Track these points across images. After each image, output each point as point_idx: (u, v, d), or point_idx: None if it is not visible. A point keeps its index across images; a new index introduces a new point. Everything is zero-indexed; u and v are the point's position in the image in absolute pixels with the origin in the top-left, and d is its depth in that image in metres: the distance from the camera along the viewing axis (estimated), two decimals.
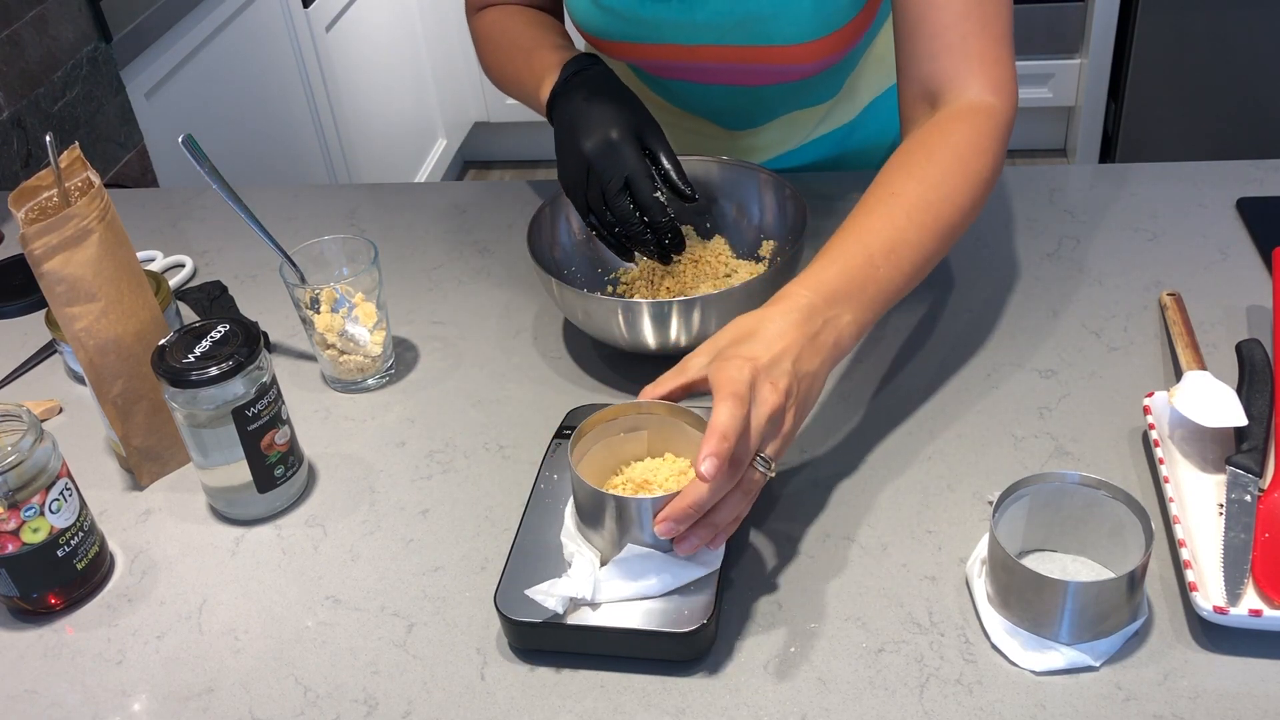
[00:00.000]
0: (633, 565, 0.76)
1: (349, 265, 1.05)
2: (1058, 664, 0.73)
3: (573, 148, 0.98)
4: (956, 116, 0.91)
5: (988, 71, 0.92)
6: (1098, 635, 0.73)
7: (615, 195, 0.96)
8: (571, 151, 0.99)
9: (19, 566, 0.82)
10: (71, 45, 1.87)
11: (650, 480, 0.80)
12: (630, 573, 0.76)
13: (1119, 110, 2.87)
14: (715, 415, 0.71)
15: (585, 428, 0.80)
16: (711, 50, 1.09)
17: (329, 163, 2.69)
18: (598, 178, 0.97)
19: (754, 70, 1.11)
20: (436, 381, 1.05)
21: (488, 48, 1.18)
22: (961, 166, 0.88)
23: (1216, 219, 1.15)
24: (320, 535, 0.89)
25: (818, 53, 1.07)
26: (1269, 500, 0.80)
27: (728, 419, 0.70)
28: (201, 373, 0.83)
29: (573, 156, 0.99)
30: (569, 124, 1.00)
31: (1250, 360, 0.90)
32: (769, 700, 0.73)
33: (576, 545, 0.79)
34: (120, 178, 1.97)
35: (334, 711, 0.75)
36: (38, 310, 1.20)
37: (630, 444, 0.82)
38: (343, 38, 2.74)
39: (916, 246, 0.84)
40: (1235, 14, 2.64)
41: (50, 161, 0.88)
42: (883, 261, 0.83)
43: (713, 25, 1.06)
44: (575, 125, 0.99)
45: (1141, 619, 0.74)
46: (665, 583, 0.76)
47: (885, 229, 0.84)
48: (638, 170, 0.96)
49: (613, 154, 0.96)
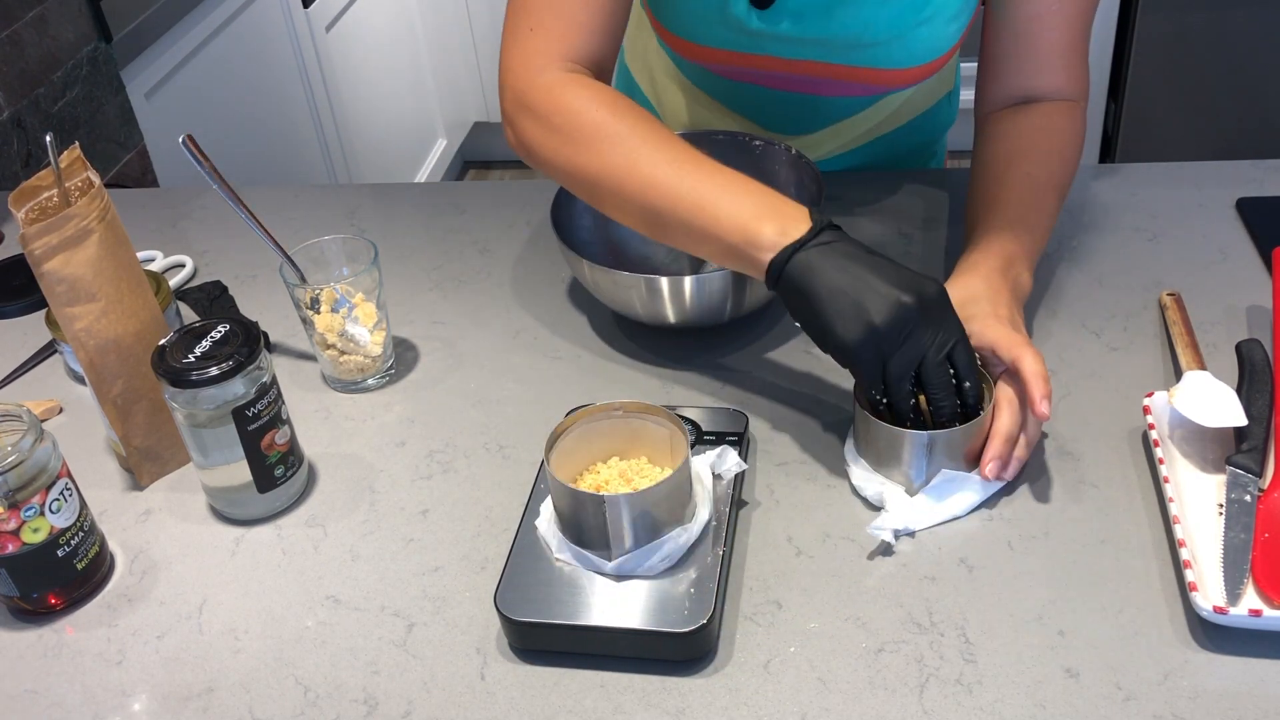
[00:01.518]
0: (943, 489, 0.85)
1: (349, 265, 1.05)
2: None
3: (888, 302, 0.79)
4: (1059, 112, 1.06)
5: (1080, 75, 1.07)
6: None
7: (938, 364, 0.81)
8: (882, 306, 0.79)
9: (19, 566, 0.82)
10: (71, 45, 1.87)
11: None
12: (942, 496, 0.85)
13: (1119, 110, 2.86)
14: (1030, 364, 0.84)
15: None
16: (811, 65, 1.07)
17: (329, 163, 2.69)
18: (916, 340, 0.80)
19: (843, 85, 1.10)
20: (436, 381, 1.05)
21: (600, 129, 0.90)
22: (1071, 155, 1.05)
23: (1216, 219, 1.15)
24: (320, 535, 0.89)
25: (918, 76, 1.08)
26: (1269, 500, 0.80)
27: (1041, 363, 0.85)
28: (201, 373, 0.83)
29: (885, 312, 0.79)
30: (863, 274, 0.80)
31: (1250, 360, 0.90)
32: (769, 700, 0.73)
33: (879, 484, 0.86)
34: (120, 178, 1.97)
35: (334, 711, 0.75)
36: (38, 310, 1.20)
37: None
38: (343, 38, 2.74)
39: (1052, 216, 1.01)
40: (1235, 14, 2.64)
41: (50, 161, 0.88)
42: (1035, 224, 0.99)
43: (822, 44, 1.05)
44: (878, 277, 0.80)
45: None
46: (971, 502, 0.85)
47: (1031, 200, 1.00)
48: (962, 334, 0.83)
49: (941, 312, 0.81)
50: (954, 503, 0.85)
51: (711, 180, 0.87)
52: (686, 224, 0.87)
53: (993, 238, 0.96)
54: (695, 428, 0.90)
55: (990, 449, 0.85)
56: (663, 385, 1.00)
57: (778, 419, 0.95)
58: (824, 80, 1.10)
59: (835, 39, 1.04)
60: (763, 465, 0.91)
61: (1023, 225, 0.97)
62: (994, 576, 0.80)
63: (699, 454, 0.85)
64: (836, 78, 1.09)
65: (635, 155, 0.88)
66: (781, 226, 0.83)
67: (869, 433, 0.86)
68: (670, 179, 0.87)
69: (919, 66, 1.07)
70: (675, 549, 0.78)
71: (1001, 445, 0.85)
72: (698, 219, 0.86)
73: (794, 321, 0.86)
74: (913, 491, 0.86)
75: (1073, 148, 1.05)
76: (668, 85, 1.24)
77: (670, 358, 1.03)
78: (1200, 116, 2.81)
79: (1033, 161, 1.02)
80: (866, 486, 0.87)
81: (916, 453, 0.84)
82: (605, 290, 1.01)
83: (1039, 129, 1.04)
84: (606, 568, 0.78)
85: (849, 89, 1.11)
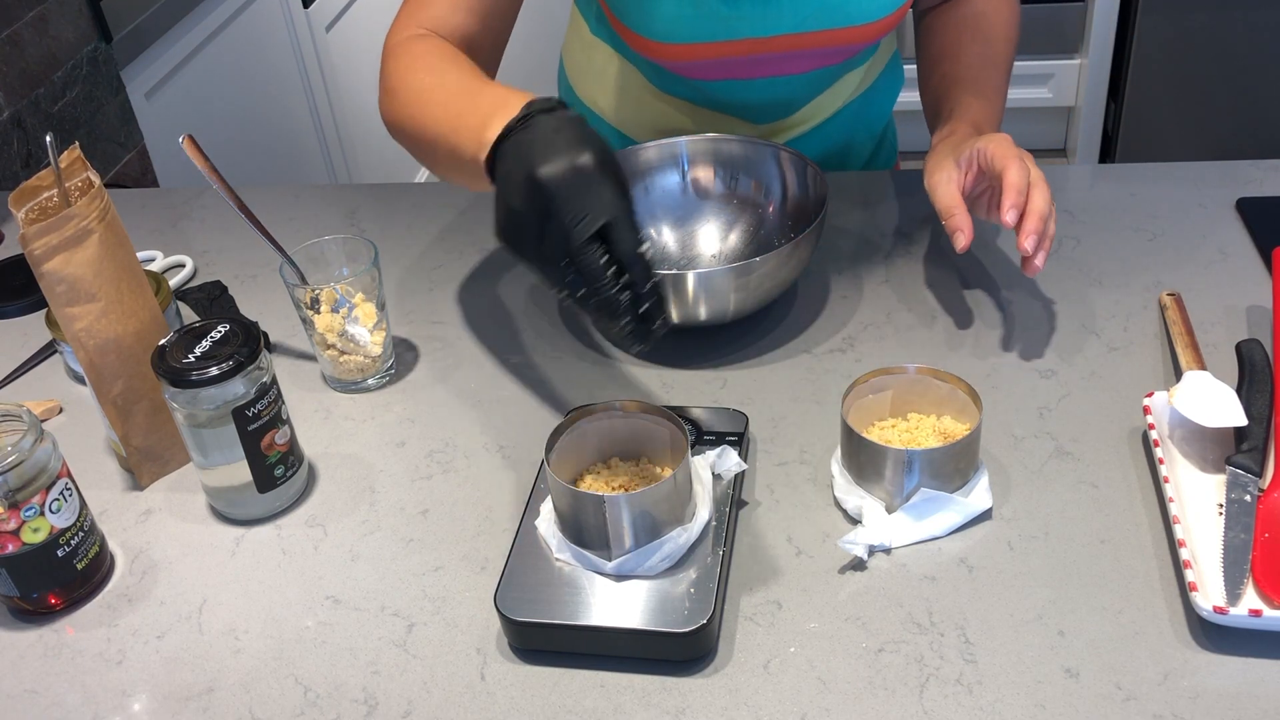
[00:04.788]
0: (923, 509, 0.83)
1: (349, 265, 1.05)
2: None
3: (524, 179, 0.75)
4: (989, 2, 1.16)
5: None
6: None
7: (582, 245, 0.74)
8: (520, 186, 0.75)
9: (19, 566, 0.82)
10: (71, 45, 1.87)
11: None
12: (921, 515, 0.83)
13: (1119, 110, 2.87)
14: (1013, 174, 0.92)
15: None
16: (785, 40, 1.08)
17: (329, 163, 2.69)
18: (558, 219, 0.74)
19: (812, 55, 1.11)
20: (436, 381, 1.05)
21: (403, 76, 0.95)
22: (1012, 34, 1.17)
23: (1216, 219, 1.15)
24: (320, 535, 0.89)
25: (883, 28, 1.10)
26: (1269, 500, 0.80)
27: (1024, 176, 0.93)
28: (201, 373, 0.83)
29: (522, 192, 0.75)
30: (523, 153, 0.76)
31: (1250, 360, 0.90)
32: (769, 700, 0.73)
33: (859, 498, 0.85)
34: (120, 178, 1.97)
35: (334, 711, 0.75)
36: (38, 310, 1.20)
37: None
38: (343, 38, 2.75)
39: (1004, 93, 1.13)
40: (1235, 14, 2.64)
41: (50, 161, 0.88)
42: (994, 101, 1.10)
43: (795, 11, 1.06)
44: (531, 154, 0.76)
45: None
46: (952, 523, 0.83)
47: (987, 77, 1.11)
48: (620, 212, 0.75)
49: (584, 187, 0.74)
50: (933, 523, 0.83)
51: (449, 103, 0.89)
52: (439, 152, 0.89)
53: (961, 113, 1.06)
54: (695, 428, 0.90)
55: (1027, 224, 0.92)
56: (663, 385, 1.00)
57: (778, 419, 0.95)
58: (797, 54, 1.10)
59: (804, 4, 1.05)
60: (763, 465, 0.91)
61: (982, 96, 1.08)
62: (994, 576, 0.80)
63: (699, 454, 0.85)
64: (810, 46, 1.10)
65: (410, 93, 0.93)
66: (494, 125, 0.80)
67: (851, 445, 0.85)
68: (426, 105, 0.90)
69: (886, 17, 1.08)
70: (675, 549, 0.78)
71: (1037, 222, 0.91)
72: (442, 146, 0.88)
73: None
74: (892, 508, 0.84)
75: (1012, 28, 1.16)
76: (644, 100, 1.24)
77: (670, 358, 1.03)
78: (1200, 116, 2.81)
79: (981, 42, 1.13)
80: (847, 500, 0.85)
81: (896, 469, 0.82)
82: None
83: (979, 15, 1.16)
84: (606, 568, 0.78)
85: (822, 58, 1.12)
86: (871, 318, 1.05)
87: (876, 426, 0.89)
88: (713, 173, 1.14)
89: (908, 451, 0.82)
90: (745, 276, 0.96)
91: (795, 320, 1.06)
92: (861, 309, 1.07)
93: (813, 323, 1.06)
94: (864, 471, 0.85)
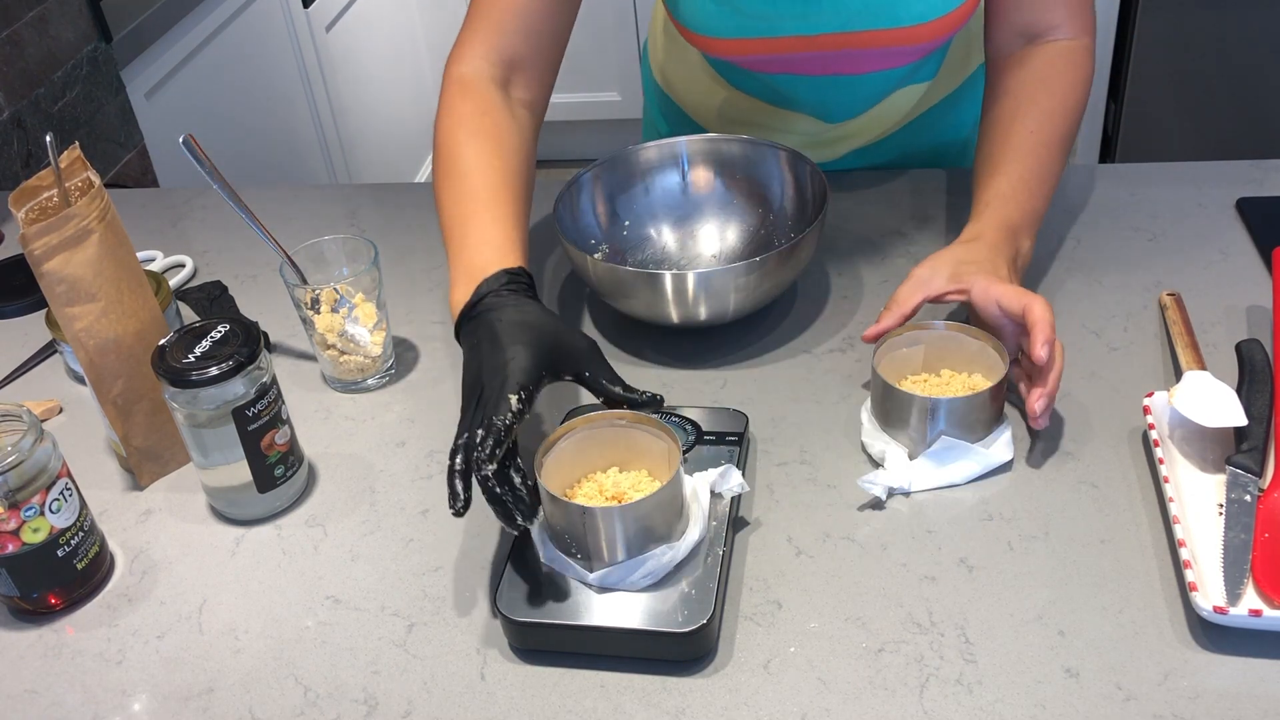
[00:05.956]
0: (943, 456, 0.86)
1: (349, 265, 1.05)
2: None
3: (466, 373, 0.84)
4: (1061, 56, 1.06)
5: (1081, 11, 1.08)
6: None
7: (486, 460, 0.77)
8: (465, 375, 0.84)
9: (19, 566, 0.82)
10: (71, 45, 1.87)
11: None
12: (941, 462, 0.86)
13: (1119, 110, 2.86)
14: (1039, 310, 0.87)
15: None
16: (833, 38, 1.07)
17: (329, 163, 2.69)
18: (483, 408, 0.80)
19: (867, 56, 1.10)
20: (436, 381, 1.05)
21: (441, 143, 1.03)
22: (1075, 103, 1.06)
23: (1216, 219, 1.15)
24: (320, 535, 0.89)
25: (936, 31, 1.07)
26: (1269, 500, 0.80)
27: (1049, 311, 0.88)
28: (201, 373, 0.83)
29: (465, 382, 0.84)
30: (468, 348, 0.86)
31: (1250, 360, 0.90)
32: (769, 700, 0.73)
33: (884, 443, 0.88)
34: (120, 178, 1.97)
35: (334, 711, 0.75)
36: (38, 310, 1.20)
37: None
38: (343, 38, 2.75)
39: (1056, 174, 1.04)
40: (1235, 14, 2.64)
41: (50, 161, 0.88)
42: (1037, 190, 1.02)
43: (838, 11, 1.05)
44: (471, 355, 0.85)
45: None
46: (971, 472, 0.86)
47: (1034, 163, 1.02)
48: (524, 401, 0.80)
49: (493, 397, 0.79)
50: (953, 470, 0.87)
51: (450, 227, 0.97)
52: None
53: (997, 206, 1.00)
54: (695, 428, 0.90)
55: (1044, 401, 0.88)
56: (663, 385, 1.00)
57: (778, 419, 0.95)
58: (852, 54, 1.09)
59: (848, 3, 1.04)
60: (763, 465, 0.91)
61: (1026, 191, 1.00)
62: (994, 576, 0.80)
63: (702, 471, 0.84)
64: (858, 47, 1.08)
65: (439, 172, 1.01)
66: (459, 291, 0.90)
67: (879, 392, 0.89)
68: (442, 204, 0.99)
69: (939, 19, 1.06)
70: (659, 567, 0.77)
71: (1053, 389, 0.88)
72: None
73: None
74: (915, 454, 0.87)
75: (1076, 94, 1.06)
76: (711, 88, 1.25)
77: (670, 358, 1.03)
78: (1200, 116, 2.81)
79: (1036, 118, 1.04)
80: (873, 444, 0.90)
81: (920, 417, 0.86)
82: (608, 287, 1.01)
83: (1041, 81, 1.06)
84: (589, 578, 0.78)
85: (876, 60, 1.11)
86: (871, 318, 1.05)
87: (910, 380, 0.92)
88: (713, 173, 1.14)
89: (932, 400, 0.86)
90: (745, 276, 0.96)
91: (795, 320, 1.06)
92: (862, 309, 1.07)
93: (813, 323, 1.06)
94: (890, 418, 0.89)
